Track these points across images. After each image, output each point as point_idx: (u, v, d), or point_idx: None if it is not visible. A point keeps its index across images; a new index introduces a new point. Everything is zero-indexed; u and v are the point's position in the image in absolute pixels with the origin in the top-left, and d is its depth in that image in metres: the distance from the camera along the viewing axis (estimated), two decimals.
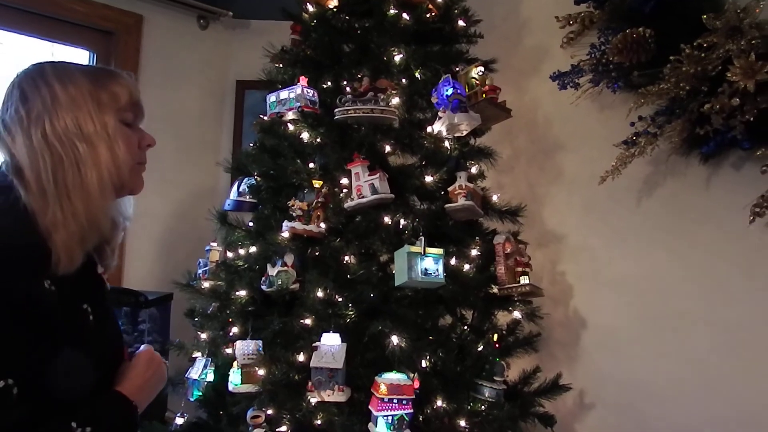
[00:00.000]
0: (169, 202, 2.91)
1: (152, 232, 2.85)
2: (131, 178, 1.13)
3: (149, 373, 1.16)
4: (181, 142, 2.95)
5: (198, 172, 2.89)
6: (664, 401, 2.00)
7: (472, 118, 1.95)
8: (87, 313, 1.05)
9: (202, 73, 3.13)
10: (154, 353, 1.23)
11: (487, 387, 1.94)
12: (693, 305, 1.96)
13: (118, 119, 1.08)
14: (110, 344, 1.15)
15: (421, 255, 1.80)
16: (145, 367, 1.17)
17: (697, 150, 1.92)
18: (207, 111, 3.11)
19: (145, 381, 1.14)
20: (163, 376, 1.22)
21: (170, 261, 2.72)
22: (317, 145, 1.99)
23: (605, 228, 2.23)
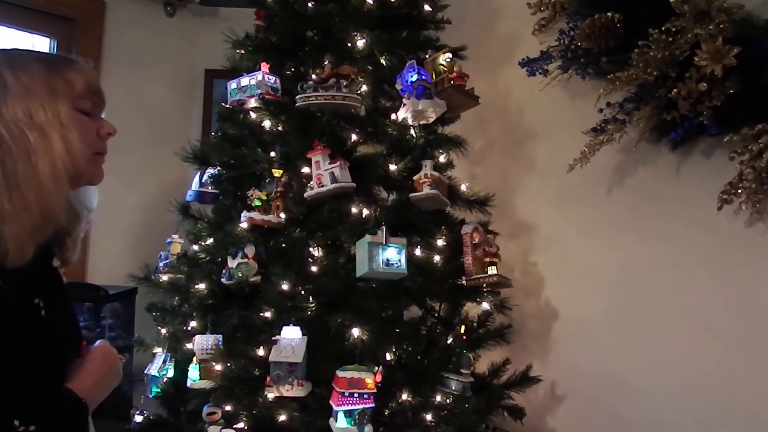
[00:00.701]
0: (137, 194, 2.84)
1: (119, 225, 2.77)
2: (89, 168, 1.08)
3: (103, 369, 1.11)
4: (149, 133, 2.88)
5: (167, 164, 2.80)
6: (635, 393, 1.97)
7: (437, 105, 1.90)
8: (39, 307, 1.00)
9: (169, 62, 3.05)
10: (110, 349, 1.17)
11: (453, 380, 1.89)
12: (664, 296, 1.93)
13: (73, 107, 1.03)
14: (65, 339, 1.09)
15: (383, 245, 1.75)
16: (99, 363, 1.11)
17: (667, 137, 1.89)
18: (175, 101, 3.03)
19: (98, 378, 1.09)
20: (118, 372, 1.17)
21: (138, 255, 2.64)
22: (278, 134, 1.94)
23: (577, 218, 2.19)
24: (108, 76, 2.73)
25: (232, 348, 1.81)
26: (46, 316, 1.01)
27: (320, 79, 1.89)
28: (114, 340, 2.43)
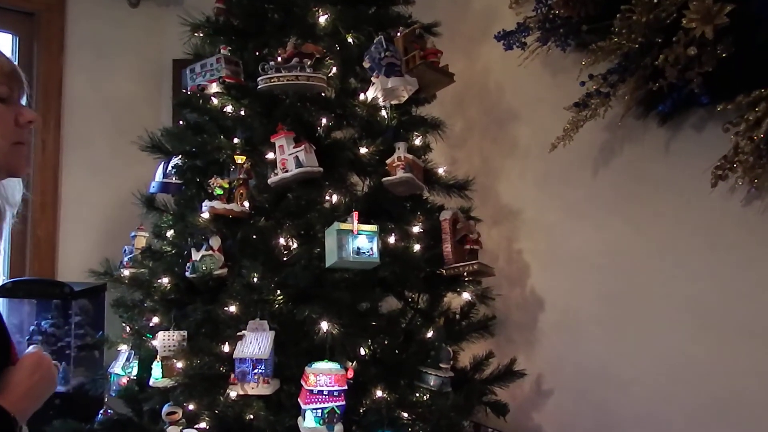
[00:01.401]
0: (106, 189, 2.75)
1: (88, 221, 2.69)
2: (9, 159, 1.01)
3: (34, 378, 1.05)
4: (116, 126, 2.79)
5: (136, 157, 2.70)
6: (625, 386, 1.86)
7: (408, 82, 1.79)
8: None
9: (135, 53, 2.96)
10: (42, 356, 1.10)
11: (431, 375, 1.79)
12: (654, 281, 1.81)
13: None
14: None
15: (353, 233, 1.64)
16: (30, 371, 1.05)
17: (655, 111, 1.77)
18: (143, 93, 2.94)
19: (28, 388, 1.03)
20: (52, 380, 1.10)
21: (108, 250, 2.55)
22: (241, 118, 1.84)
23: (561, 201, 2.08)
24: (72, 70, 2.66)
25: (196, 344, 1.72)
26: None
27: (282, 59, 1.78)
28: (83, 338, 2.35)
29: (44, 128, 2.72)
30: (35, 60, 2.78)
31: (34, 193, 2.69)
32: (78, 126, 2.82)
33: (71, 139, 2.79)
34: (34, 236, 2.69)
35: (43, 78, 2.76)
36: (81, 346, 2.38)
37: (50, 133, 2.74)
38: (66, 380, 2.35)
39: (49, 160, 2.72)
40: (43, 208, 2.69)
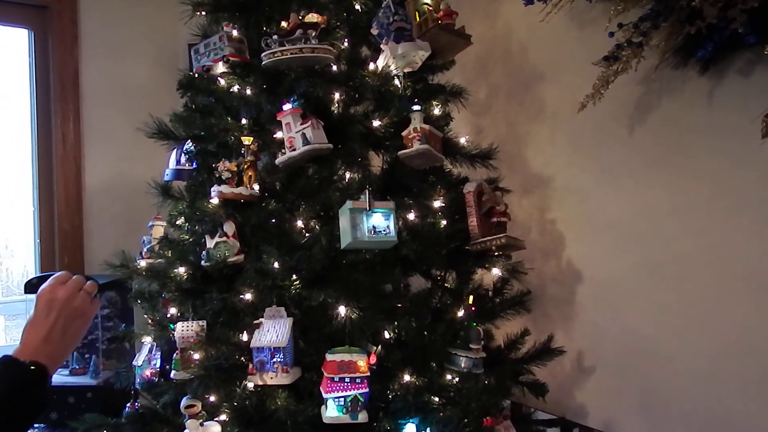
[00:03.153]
0: (127, 179, 2.72)
1: (113, 213, 2.68)
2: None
3: (51, 318, 1.00)
4: (134, 115, 2.72)
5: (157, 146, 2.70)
6: (670, 362, 1.73)
7: (420, 47, 1.67)
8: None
9: (148, 39, 2.91)
10: (54, 291, 1.04)
11: (462, 356, 1.69)
12: (698, 247, 1.66)
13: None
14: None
15: (367, 211, 1.55)
16: (44, 313, 1.00)
17: (694, 58, 1.61)
18: (159, 79, 2.88)
19: (48, 331, 0.99)
20: (75, 312, 1.04)
21: (133, 241, 2.55)
22: (247, 98, 1.75)
23: (595, 165, 1.93)
24: (87, 61, 2.63)
25: (213, 334, 1.67)
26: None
27: (285, 32, 1.69)
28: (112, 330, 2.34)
29: (64, 121, 2.72)
30: (51, 53, 2.77)
31: (58, 187, 2.69)
32: (97, 117, 2.80)
33: (91, 131, 2.78)
34: (61, 230, 2.70)
35: (59, 71, 2.75)
36: (110, 339, 2.38)
37: (70, 125, 2.74)
38: (96, 373, 2.36)
39: (71, 152, 2.72)
40: (68, 202, 2.70)
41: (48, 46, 2.77)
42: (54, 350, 0.99)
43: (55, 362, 0.99)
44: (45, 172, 2.78)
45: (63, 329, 1.01)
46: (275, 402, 1.54)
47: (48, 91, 2.77)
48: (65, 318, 1.02)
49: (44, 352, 0.97)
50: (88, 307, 1.07)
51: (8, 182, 2.85)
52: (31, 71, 2.80)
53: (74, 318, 1.03)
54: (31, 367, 0.95)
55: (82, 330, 1.06)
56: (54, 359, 0.98)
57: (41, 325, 1.00)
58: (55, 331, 1.00)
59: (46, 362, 0.96)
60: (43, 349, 0.97)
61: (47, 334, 0.99)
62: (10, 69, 2.83)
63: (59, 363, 1.01)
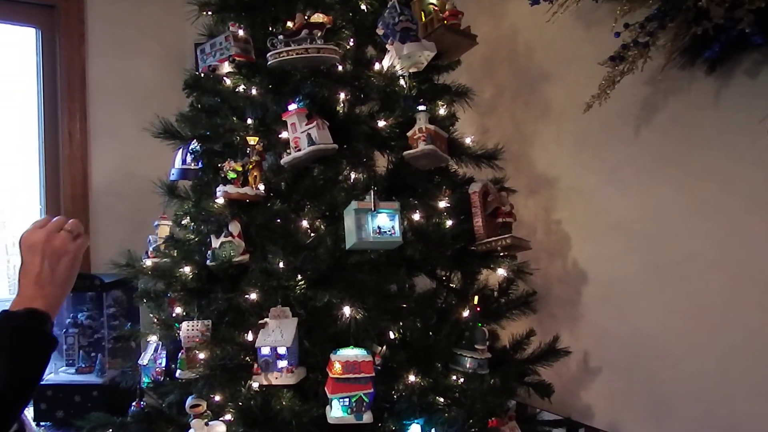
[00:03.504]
0: (133, 179, 2.73)
1: (118, 212, 2.69)
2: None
3: (36, 261, 1.02)
4: (140, 114, 2.74)
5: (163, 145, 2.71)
6: (677, 362, 1.72)
7: (425, 47, 1.67)
8: None
9: (155, 39, 2.92)
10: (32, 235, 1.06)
11: (467, 357, 1.69)
12: (705, 247, 1.66)
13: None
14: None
15: (372, 211, 1.55)
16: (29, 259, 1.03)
17: (701, 58, 1.60)
18: (166, 79, 2.89)
19: (37, 274, 1.01)
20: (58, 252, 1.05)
21: (139, 241, 2.56)
22: (253, 98, 1.75)
23: (601, 165, 1.93)
24: (94, 60, 2.64)
25: (219, 334, 1.67)
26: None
27: (291, 32, 1.69)
28: (118, 329, 2.36)
29: (70, 120, 2.73)
30: (58, 52, 2.78)
31: (64, 186, 2.70)
32: (104, 116, 2.81)
33: (98, 130, 2.79)
34: None
35: (66, 69, 2.75)
36: (116, 338, 2.39)
37: (77, 124, 2.75)
38: (102, 372, 2.37)
39: (77, 151, 2.73)
40: (74, 201, 2.71)
41: (55, 45, 2.79)
42: (48, 291, 1.01)
43: (51, 302, 1.01)
44: (51, 171, 2.79)
45: (51, 269, 1.03)
46: (280, 402, 1.54)
47: (55, 89, 2.79)
48: (49, 259, 1.03)
49: (38, 296, 0.99)
50: (70, 244, 1.07)
51: (16, 180, 2.87)
52: (39, 70, 2.81)
53: (58, 258, 1.05)
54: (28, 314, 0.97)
55: (70, 268, 1.07)
56: (50, 299, 1.00)
57: (29, 271, 1.02)
58: (43, 274, 1.02)
59: (42, 305, 0.99)
60: (36, 293, 0.99)
61: (36, 278, 1.01)
62: (18, 68, 2.84)
63: (57, 302, 1.03)
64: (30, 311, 0.98)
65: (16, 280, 2.74)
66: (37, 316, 0.98)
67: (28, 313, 0.98)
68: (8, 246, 3.45)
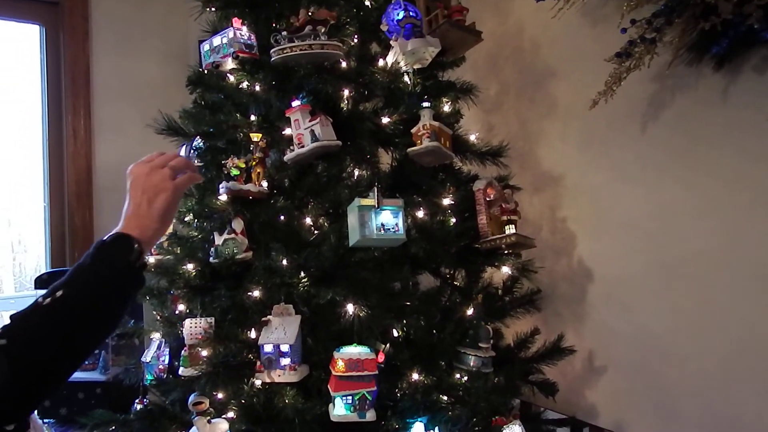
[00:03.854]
0: None
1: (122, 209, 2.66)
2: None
3: (137, 194, 1.07)
4: (145, 111, 2.73)
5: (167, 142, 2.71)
6: (683, 362, 1.70)
7: (430, 43, 1.66)
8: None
9: (159, 36, 2.91)
10: (136, 169, 1.10)
11: (471, 355, 1.68)
12: (712, 245, 1.64)
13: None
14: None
15: (375, 208, 1.54)
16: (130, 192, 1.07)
17: (708, 54, 1.58)
18: (170, 76, 2.88)
19: (136, 205, 1.05)
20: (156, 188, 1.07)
21: None
22: (256, 94, 1.75)
23: (607, 162, 1.91)
24: (98, 57, 2.64)
25: (222, 331, 1.66)
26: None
27: (295, 28, 1.68)
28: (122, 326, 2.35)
29: (74, 117, 2.73)
30: (62, 49, 2.78)
31: (68, 183, 2.70)
32: (108, 113, 2.81)
33: (102, 127, 2.79)
34: (71, 226, 2.71)
35: (71, 66, 2.75)
36: (120, 335, 2.38)
37: (81, 121, 2.74)
38: (106, 369, 2.37)
39: (81, 148, 2.72)
40: (78, 198, 2.70)
41: (59, 42, 2.79)
42: (143, 223, 1.03)
43: (145, 233, 1.02)
44: (55, 168, 2.79)
45: (148, 204, 1.05)
46: (283, 400, 1.54)
47: (59, 86, 2.78)
48: (148, 193, 1.06)
49: (134, 226, 1.02)
50: (168, 182, 1.09)
51: (21, 177, 2.87)
52: (43, 67, 2.81)
53: (155, 193, 1.07)
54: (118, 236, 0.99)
55: (168, 204, 1.08)
56: (144, 231, 1.02)
57: (130, 202, 1.06)
58: (141, 207, 1.04)
59: (136, 234, 1.01)
60: (131, 224, 1.02)
61: (135, 210, 1.04)
62: (22, 65, 2.84)
63: (153, 235, 1.05)
64: (120, 234, 1.00)
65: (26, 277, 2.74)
66: (127, 239, 0.99)
67: (119, 236, 0.99)
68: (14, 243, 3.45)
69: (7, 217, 3.15)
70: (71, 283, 0.91)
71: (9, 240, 3.36)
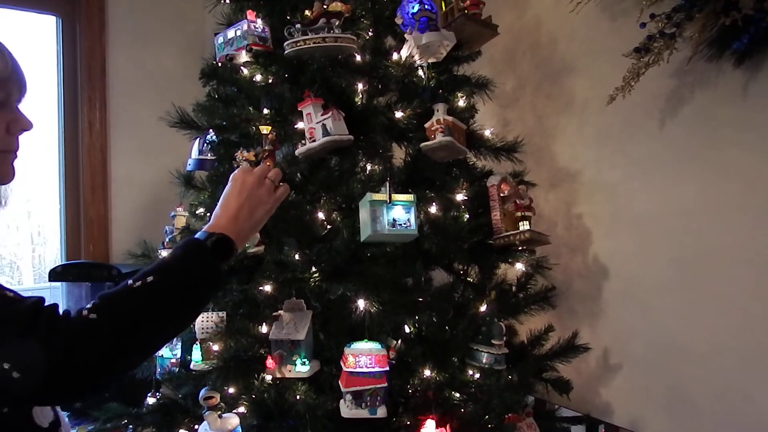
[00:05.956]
0: (153, 169, 2.73)
1: (138, 202, 2.69)
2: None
3: (241, 200, 1.08)
4: (160, 104, 2.74)
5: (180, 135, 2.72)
6: (700, 360, 1.68)
7: (445, 37, 1.64)
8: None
9: (176, 28, 2.90)
10: (246, 176, 1.12)
11: (483, 352, 1.67)
12: (729, 244, 1.61)
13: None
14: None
15: (387, 204, 1.53)
16: (235, 196, 1.09)
17: (729, 50, 1.55)
18: (186, 69, 2.86)
19: (237, 210, 1.07)
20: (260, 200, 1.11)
21: (160, 230, 2.57)
22: (269, 87, 1.74)
23: (624, 159, 1.88)
24: (114, 49, 2.64)
25: (233, 326, 1.66)
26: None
27: (309, 20, 1.66)
28: None
29: (90, 109, 2.74)
30: (78, 40, 2.78)
31: (84, 176, 2.71)
32: (123, 105, 2.82)
33: (117, 119, 2.80)
34: (86, 219, 2.73)
35: (87, 58, 2.76)
36: None
37: (96, 113, 2.75)
38: None
39: (97, 140, 2.74)
40: (94, 190, 2.72)
41: (76, 34, 2.79)
42: (241, 229, 1.06)
43: (240, 239, 1.05)
44: (71, 160, 2.80)
45: (249, 212, 1.08)
46: (294, 395, 1.54)
47: (75, 78, 2.79)
48: (251, 202, 1.09)
49: (231, 228, 1.04)
50: (271, 196, 1.13)
51: (39, 170, 2.89)
52: (59, 58, 2.82)
53: (258, 204, 1.10)
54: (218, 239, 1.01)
55: (265, 216, 1.12)
56: (240, 237, 1.05)
57: (231, 205, 1.07)
58: (243, 213, 1.07)
59: (233, 236, 1.03)
60: (230, 226, 1.04)
61: (236, 214, 1.06)
62: (39, 56, 2.85)
63: (244, 242, 1.08)
64: (223, 237, 1.01)
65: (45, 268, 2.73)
66: (229, 244, 1.02)
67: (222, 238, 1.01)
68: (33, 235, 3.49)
69: (27, 209, 3.18)
70: (162, 271, 0.92)
71: (29, 232, 3.39)
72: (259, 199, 1.10)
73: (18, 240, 3.45)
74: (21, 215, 3.11)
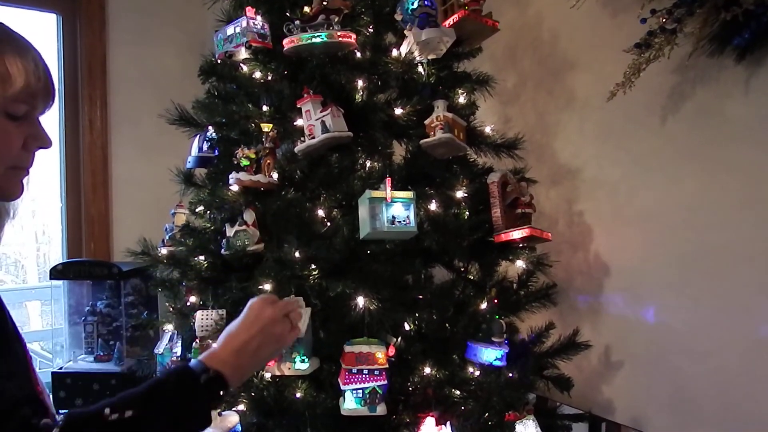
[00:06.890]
0: (154, 167, 2.71)
1: (139, 200, 2.69)
2: (1, 183, 0.86)
3: (252, 332, 1.01)
4: (161, 103, 2.74)
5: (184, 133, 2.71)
6: (702, 358, 1.67)
7: (445, 33, 1.62)
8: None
9: (176, 26, 2.90)
10: (264, 308, 1.05)
11: (484, 350, 1.66)
12: (732, 240, 1.60)
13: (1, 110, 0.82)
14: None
15: (386, 201, 1.52)
16: (247, 327, 1.02)
17: (730, 45, 1.54)
18: (187, 67, 2.83)
19: (245, 343, 1.00)
20: (273, 337, 1.04)
21: (161, 228, 2.57)
22: (269, 84, 1.73)
23: (625, 155, 1.87)
24: (115, 47, 2.63)
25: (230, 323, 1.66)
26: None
27: (308, 17, 1.66)
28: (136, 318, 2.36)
29: (91, 107, 2.74)
30: (79, 38, 2.78)
31: (84, 174, 2.72)
32: (124, 103, 2.82)
33: (118, 117, 2.80)
34: (87, 217, 2.73)
35: (87, 56, 2.76)
36: (134, 326, 2.40)
37: (97, 111, 2.76)
38: (120, 360, 2.39)
39: (97, 139, 2.74)
40: (95, 188, 2.72)
41: (76, 31, 2.79)
42: (241, 365, 0.99)
43: (238, 377, 0.99)
44: (72, 158, 2.80)
45: (257, 348, 1.01)
46: (293, 393, 1.54)
47: (76, 76, 2.79)
48: (262, 338, 1.02)
49: (232, 363, 0.97)
50: (285, 337, 1.07)
51: (43, 169, 2.89)
52: (59, 56, 2.82)
53: (269, 342, 1.03)
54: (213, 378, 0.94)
55: (272, 355, 1.07)
56: (238, 374, 0.99)
57: (239, 337, 1.00)
58: (249, 348, 1.00)
59: (229, 374, 0.96)
60: (231, 360, 0.97)
61: (241, 347, 0.99)
62: None
63: (241, 380, 1.02)
64: (218, 376, 0.94)
65: (49, 267, 2.74)
66: (222, 384, 0.95)
67: (216, 377, 0.94)
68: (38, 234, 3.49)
69: (31, 208, 3.19)
70: (144, 406, 0.86)
71: (33, 231, 3.40)
72: (271, 337, 1.03)
73: (23, 239, 3.47)
74: (25, 214, 3.11)
